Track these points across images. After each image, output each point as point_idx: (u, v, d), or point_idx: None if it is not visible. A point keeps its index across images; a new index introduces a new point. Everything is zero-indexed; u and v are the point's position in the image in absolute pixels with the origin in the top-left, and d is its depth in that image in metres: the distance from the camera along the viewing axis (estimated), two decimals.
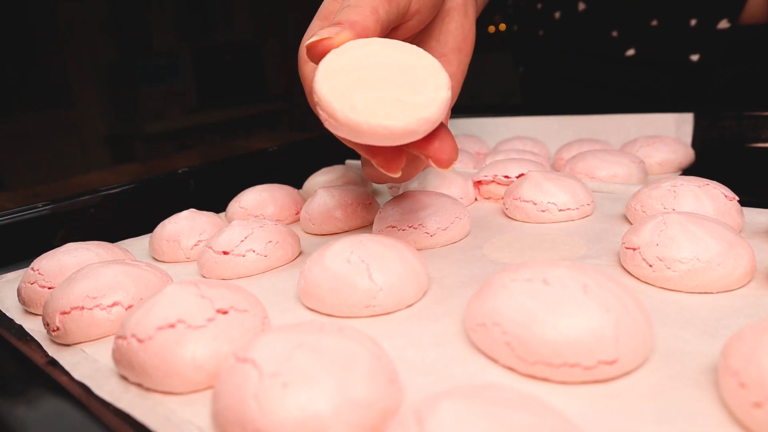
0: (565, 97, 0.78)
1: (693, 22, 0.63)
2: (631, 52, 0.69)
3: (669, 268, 0.29)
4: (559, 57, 0.77)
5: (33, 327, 0.33)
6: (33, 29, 1.87)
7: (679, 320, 0.26)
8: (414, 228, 0.38)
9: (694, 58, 0.65)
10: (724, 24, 0.61)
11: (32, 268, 0.36)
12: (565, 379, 0.22)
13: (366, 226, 0.46)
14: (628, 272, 0.32)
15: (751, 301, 0.28)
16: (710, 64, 0.65)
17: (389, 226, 0.39)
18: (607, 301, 0.22)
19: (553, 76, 0.80)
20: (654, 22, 0.66)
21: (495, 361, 0.24)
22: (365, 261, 0.30)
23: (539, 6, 0.77)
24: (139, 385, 0.25)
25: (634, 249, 0.31)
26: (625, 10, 0.68)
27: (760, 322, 0.20)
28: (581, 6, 0.71)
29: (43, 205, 0.48)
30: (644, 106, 0.65)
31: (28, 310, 0.35)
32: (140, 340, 0.24)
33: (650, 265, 0.30)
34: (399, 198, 0.41)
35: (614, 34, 0.69)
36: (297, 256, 0.40)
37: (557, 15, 0.75)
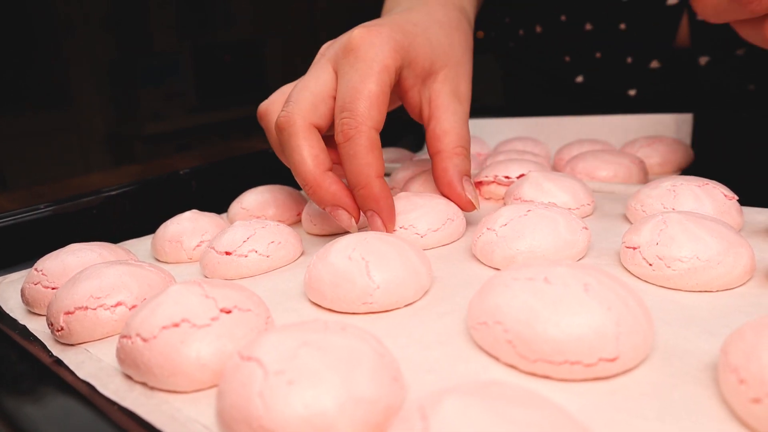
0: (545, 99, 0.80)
1: (629, 59, 0.67)
2: (579, 78, 0.73)
3: (669, 266, 0.29)
4: (532, 65, 0.80)
5: (37, 327, 0.33)
6: (32, 28, 1.87)
7: (679, 318, 0.26)
8: (404, 229, 0.39)
9: (632, 93, 0.69)
10: (655, 64, 0.66)
11: (36, 269, 0.36)
12: (566, 376, 0.22)
13: (366, 227, 0.46)
14: (629, 271, 0.32)
15: (750, 299, 0.28)
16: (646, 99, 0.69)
17: None
18: (608, 299, 0.23)
19: (526, 82, 0.83)
20: (598, 55, 0.70)
21: (496, 359, 0.24)
22: (365, 258, 0.30)
23: (507, 20, 0.80)
24: (144, 384, 0.25)
25: (634, 248, 0.31)
26: (575, 39, 0.71)
27: (760, 319, 0.21)
28: (539, 29, 0.74)
29: (46, 206, 0.48)
30: (644, 106, 0.66)
31: (32, 310, 0.35)
32: (145, 339, 0.24)
33: (650, 264, 0.30)
34: (395, 199, 0.41)
35: (567, 59, 0.73)
36: (299, 257, 0.41)
37: (521, 32, 0.77)
